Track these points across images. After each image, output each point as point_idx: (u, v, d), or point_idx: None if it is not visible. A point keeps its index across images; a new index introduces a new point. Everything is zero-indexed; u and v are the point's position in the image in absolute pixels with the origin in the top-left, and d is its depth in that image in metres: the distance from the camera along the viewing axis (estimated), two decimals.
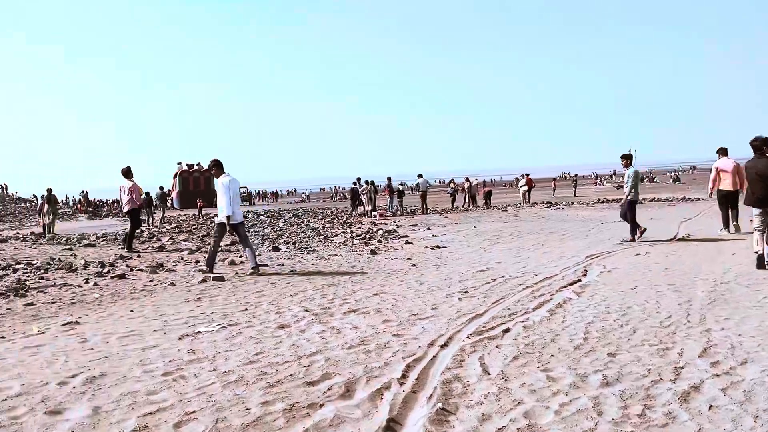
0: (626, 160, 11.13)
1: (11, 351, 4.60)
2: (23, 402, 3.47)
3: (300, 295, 6.76)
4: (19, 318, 5.83)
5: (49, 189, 22.92)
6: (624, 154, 11.21)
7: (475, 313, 5.71)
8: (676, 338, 4.73)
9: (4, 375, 3.98)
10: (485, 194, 29.91)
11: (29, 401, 3.48)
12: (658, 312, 5.55)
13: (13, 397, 3.54)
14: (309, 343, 4.74)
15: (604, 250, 9.94)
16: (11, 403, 3.45)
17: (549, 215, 19.21)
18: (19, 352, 4.56)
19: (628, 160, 11.12)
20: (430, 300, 6.39)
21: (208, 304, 6.40)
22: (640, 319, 5.34)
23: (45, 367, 4.15)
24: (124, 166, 12.16)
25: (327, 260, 9.98)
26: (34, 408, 3.38)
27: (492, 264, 8.98)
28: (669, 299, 6.06)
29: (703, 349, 4.43)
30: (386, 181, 26.29)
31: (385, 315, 5.70)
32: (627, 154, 11.20)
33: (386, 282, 7.61)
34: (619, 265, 8.32)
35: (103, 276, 8.38)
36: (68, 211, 42.22)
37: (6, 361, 4.32)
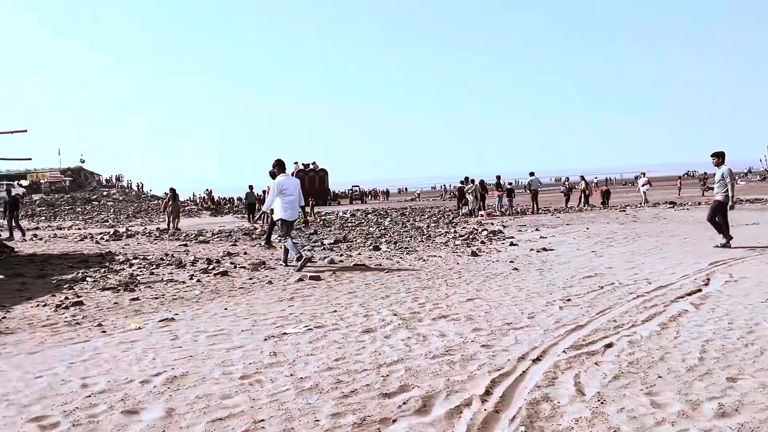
0: (718, 158, 10.35)
1: (108, 346, 4.79)
2: (104, 399, 3.55)
3: (391, 298, 6.59)
4: (123, 312, 6.12)
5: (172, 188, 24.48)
6: (715, 152, 10.40)
7: (575, 324, 5.25)
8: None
9: (95, 370, 4.12)
10: (602, 193, 28.35)
11: (110, 399, 3.55)
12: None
13: (96, 394, 3.64)
14: (392, 350, 4.55)
15: (731, 256, 8.95)
16: (93, 400, 3.53)
17: (671, 216, 17.81)
18: (115, 347, 4.73)
19: (720, 159, 10.33)
20: (528, 308, 5.99)
21: (300, 304, 6.39)
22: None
23: (133, 364, 4.26)
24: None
25: (425, 261, 9.76)
26: (113, 406, 3.43)
27: (601, 269, 8.35)
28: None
29: None
30: (495, 180, 25.63)
31: (477, 323, 5.39)
32: (719, 152, 10.39)
33: (483, 286, 7.27)
34: (749, 273, 7.42)
35: (208, 273, 8.69)
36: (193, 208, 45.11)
37: (101, 355, 4.49)
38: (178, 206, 23.45)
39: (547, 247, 11.23)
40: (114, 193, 57.22)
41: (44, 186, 54.50)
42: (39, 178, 56.75)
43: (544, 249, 10.99)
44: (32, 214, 36.52)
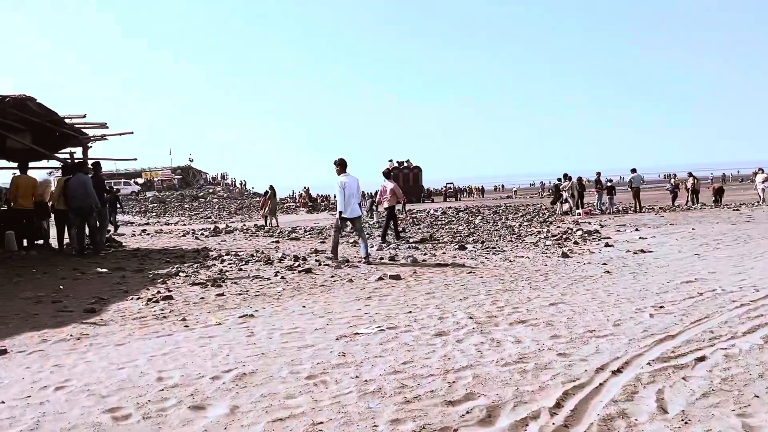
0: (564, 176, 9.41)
1: (188, 340, 4.96)
2: (175, 394, 3.66)
3: (470, 300, 6.42)
4: (207, 308, 6.34)
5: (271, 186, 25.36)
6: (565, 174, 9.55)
7: (665, 334, 4.87)
8: None
9: (172, 364, 4.28)
10: (715, 191, 26.43)
11: (180, 394, 3.66)
12: None
13: (169, 388, 3.76)
14: (462, 355, 4.40)
15: None
16: (164, 394, 3.65)
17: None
18: (194, 342, 4.90)
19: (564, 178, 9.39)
20: (615, 314, 5.63)
21: (377, 303, 6.36)
22: None
23: (208, 360, 4.38)
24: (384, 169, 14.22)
25: (511, 262, 9.46)
26: (182, 401, 3.54)
27: (703, 274, 7.73)
28: None
29: None
30: (595, 176, 24.54)
31: (556, 329, 5.12)
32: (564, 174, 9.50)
33: (569, 290, 6.93)
34: None
35: (292, 270, 8.87)
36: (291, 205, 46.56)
37: (180, 350, 4.66)
38: (275, 203, 24.25)
39: (646, 249, 10.58)
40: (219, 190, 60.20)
41: (157, 184, 58.20)
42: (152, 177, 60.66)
43: (642, 251, 10.36)
44: (144, 210, 39.05)
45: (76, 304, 6.49)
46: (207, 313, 6.05)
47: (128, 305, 6.48)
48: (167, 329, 5.37)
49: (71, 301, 6.67)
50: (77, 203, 10.63)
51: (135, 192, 52.33)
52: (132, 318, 5.86)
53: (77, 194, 10.61)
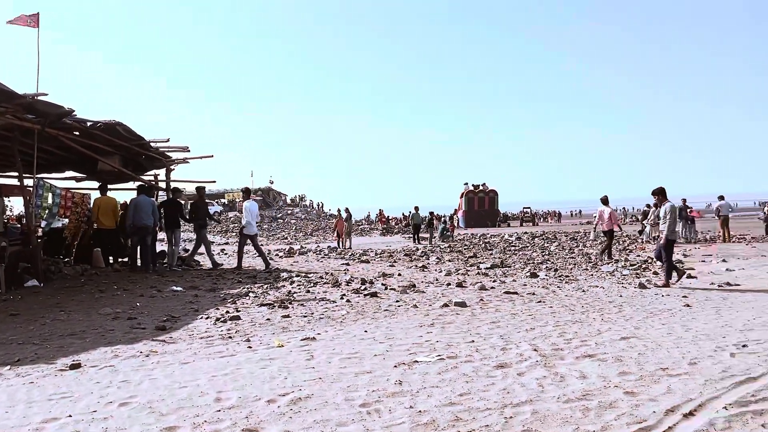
0: (659, 195, 10.23)
1: (250, 362, 5.06)
2: (231, 415, 3.73)
3: (536, 331, 6.21)
4: (272, 329, 6.45)
5: (347, 208, 25.74)
6: (656, 189, 10.11)
7: (746, 376, 4.53)
8: None
9: (231, 385, 4.36)
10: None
11: (236, 415, 3.72)
12: None
13: (225, 409, 3.83)
14: (523, 389, 4.25)
15: None
16: (221, 415, 3.73)
17: None
18: (255, 363, 4.99)
19: (662, 196, 10.20)
20: (692, 352, 5.29)
21: (439, 330, 6.27)
22: None
23: (266, 382, 4.44)
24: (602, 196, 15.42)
25: (584, 292, 9.12)
26: (236, 423, 3.59)
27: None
28: None
29: None
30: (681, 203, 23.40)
31: (626, 365, 4.87)
32: (660, 189, 10.05)
33: (644, 324, 6.59)
34: None
35: (359, 293, 8.90)
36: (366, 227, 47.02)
37: (240, 371, 4.75)
38: (351, 225, 24.58)
39: (732, 282, 9.94)
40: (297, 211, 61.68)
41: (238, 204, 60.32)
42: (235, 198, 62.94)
43: (728, 284, 9.74)
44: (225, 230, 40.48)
45: (149, 321, 6.77)
46: (271, 334, 6.16)
47: (197, 324, 6.69)
48: (231, 350, 5.50)
49: (145, 318, 6.97)
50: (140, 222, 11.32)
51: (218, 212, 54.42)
52: (199, 337, 6.05)
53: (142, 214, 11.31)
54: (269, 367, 4.84)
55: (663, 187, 10.22)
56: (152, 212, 11.61)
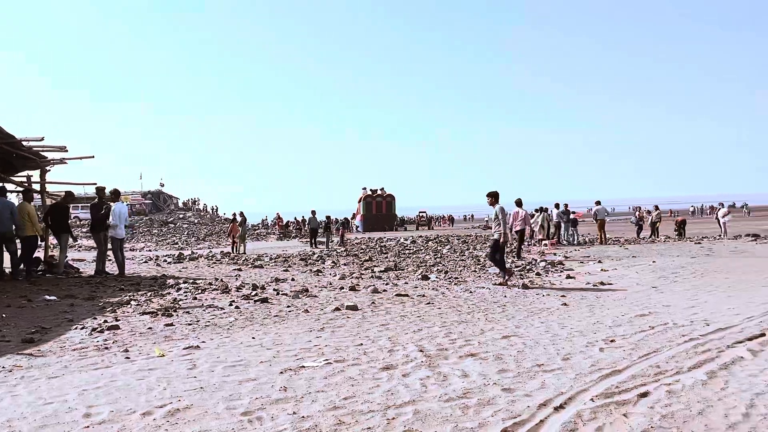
0: (492, 198, 10.45)
1: (126, 373, 4.79)
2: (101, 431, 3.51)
3: (423, 332, 6.35)
4: (153, 338, 6.15)
5: (241, 212, 25.16)
6: (490, 192, 10.49)
7: (612, 369, 4.86)
8: None
9: (104, 399, 4.11)
10: (678, 224, 26.95)
11: (107, 431, 3.51)
12: None
13: (94, 425, 3.60)
14: (406, 390, 4.32)
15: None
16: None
17: (751, 250, 16.63)
18: (132, 374, 4.73)
19: (494, 198, 10.42)
20: (566, 348, 5.61)
21: (329, 335, 6.25)
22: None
23: (143, 394, 4.23)
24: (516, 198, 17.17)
25: (472, 293, 9.44)
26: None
27: (658, 308, 7.79)
28: None
29: None
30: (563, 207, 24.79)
31: (505, 363, 5.08)
32: (493, 192, 10.47)
33: (524, 322, 6.91)
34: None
35: (249, 299, 8.71)
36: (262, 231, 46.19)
37: (115, 383, 4.49)
38: (245, 230, 24.02)
39: (605, 281, 10.66)
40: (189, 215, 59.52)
41: None
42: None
43: (602, 283, 10.44)
44: None
45: (15, 334, 6.24)
46: (152, 344, 5.87)
47: (71, 335, 6.24)
48: (107, 361, 5.18)
49: (11, 331, 6.42)
50: None
51: None
52: (72, 349, 5.65)
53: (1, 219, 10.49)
54: (147, 378, 4.61)
55: (496, 191, 10.56)
56: (9, 216, 10.64)
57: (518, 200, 17.26)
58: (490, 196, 10.62)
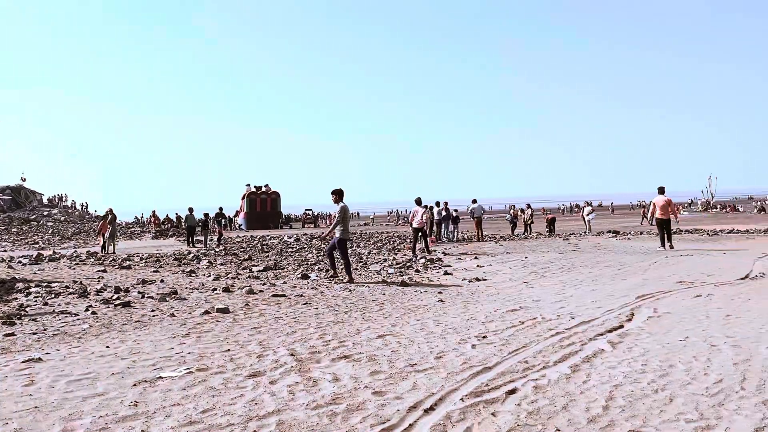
0: (336, 195, 10.52)
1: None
2: None
3: (298, 334, 6.10)
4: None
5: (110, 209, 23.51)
6: (334, 190, 10.52)
7: (482, 366, 4.87)
8: (722, 412, 3.77)
9: None
10: (548, 221, 28.56)
11: None
12: (707, 374, 4.55)
13: None
14: (272, 398, 4.06)
15: (659, 289, 8.79)
16: None
17: (612, 246, 17.86)
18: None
19: (338, 196, 10.49)
20: (439, 346, 5.59)
21: (194, 341, 5.83)
22: (682, 383, 4.37)
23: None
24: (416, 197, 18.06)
25: (351, 291, 9.30)
26: None
27: (528, 302, 8.05)
28: (724, 357, 5.02)
29: (754, 430, 3.47)
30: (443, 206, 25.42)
31: (378, 364, 4.95)
32: (337, 190, 10.53)
33: (401, 321, 6.85)
34: (673, 309, 7.23)
35: (109, 303, 8.01)
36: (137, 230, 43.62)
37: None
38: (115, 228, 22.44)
39: (480, 277, 10.93)
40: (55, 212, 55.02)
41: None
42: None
43: (477, 279, 10.69)
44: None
45: None
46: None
47: None
48: None
49: None
50: None
51: None
52: None
53: None
54: None
55: (341, 189, 10.62)
56: None
57: (418, 199, 18.07)
58: (334, 194, 10.57)
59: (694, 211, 55.80)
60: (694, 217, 46.01)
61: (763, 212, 47.72)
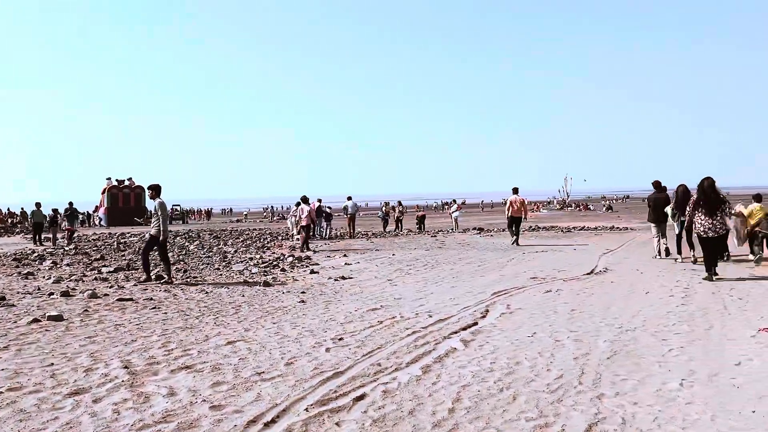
0: (152, 191, 10.06)
1: None
2: None
3: (138, 343, 5.58)
4: None
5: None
6: (151, 185, 10.13)
7: (335, 371, 4.70)
8: (560, 408, 3.86)
9: None
10: (418, 219, 29.17)
11: None
12: (549, 370, 4.69)
13: None
14: (92, 420, 3.61)
15: (514, 285, 9.14)
16: None
17: (475, 243, 18.52)
18: None
19: (155, 192, 10.01)
20: (292, 351, 5.35)
21: (12, 355, 5.13)
22: (526, 380, 4.45)
23: None
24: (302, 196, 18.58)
25: (207, 294, 8.78)
26: None
27: (389, 301, 8.02)
28: (566, 351, 5.22)
29: (588, 425, 3.57)
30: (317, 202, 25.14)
31: (222, 374, 4.62)
32: (154, 185, 10.12)
33: (256, 324, 6.52)
34: (525, 304, 7.50)
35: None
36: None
37: None
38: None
39: (347, 276, 10.82)
40: None
41: None
42: None
43: (343, 277, 10.55)
44: None
45: None
46: None
47: None
48: None
49: None
50: None
51: None
52: None
53: None
54: None
55: (158, 185, 10.02)
56: None
57: (304, 197, 18.52)
58: (150, 189, 10.03)
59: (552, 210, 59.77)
60: (551, 215, 49.24)
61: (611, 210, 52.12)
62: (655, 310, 6.95)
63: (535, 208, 59.96)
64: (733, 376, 4.44)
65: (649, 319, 6.41)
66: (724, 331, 5.83)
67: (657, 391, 4.16)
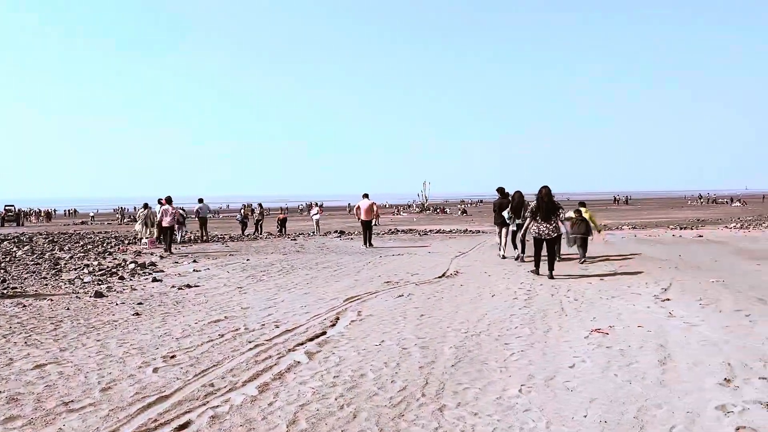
0: None
1: None
2: None
3: None
4: None
5: None
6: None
7: (159, 395, 4.20)
8: (401, 424, 3.68)
9: None
10: (280, 221, 28.48)
11: None
12: (394, 381, 4.52)
13: None
14: None
15: (368, 290, 8.99)
16: None
17: (335, 246, 18.32)
18: None
19: None
20: (113, 373, 4.74)
21: None
22: (369, 394, 4.25)
23: None
24: None
25: (25, 307, 7.74)
26: None
27: (236, 311, 7.52)
28: (412, 360, 5.10)
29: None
30: None
31: (20, 406, 3.94)
32: None
33: (76, 342, 5.77)
34: (376, 310, 7.36)
35: None
36: None
37: None
38: None
39: (192, 284, 10.09)
40: None
41: None
42: None
43: (188, 286, 9.83)
44: None
45: None
46: None
47: None
48: None
49: None
50: None
51: None
52: None
53: None
54: None
55: None
56: None
57: (168, 197, 18.15)
58: None
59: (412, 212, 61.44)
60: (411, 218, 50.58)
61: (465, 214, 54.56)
62: (500, 312, 7.09)
63: (395, 212, 61.32)
64: (568, 379, 4.53)
65: (493, 323, 6.50)
66: (561, 333, 6.03)
67: (497, 399, 4.12)
